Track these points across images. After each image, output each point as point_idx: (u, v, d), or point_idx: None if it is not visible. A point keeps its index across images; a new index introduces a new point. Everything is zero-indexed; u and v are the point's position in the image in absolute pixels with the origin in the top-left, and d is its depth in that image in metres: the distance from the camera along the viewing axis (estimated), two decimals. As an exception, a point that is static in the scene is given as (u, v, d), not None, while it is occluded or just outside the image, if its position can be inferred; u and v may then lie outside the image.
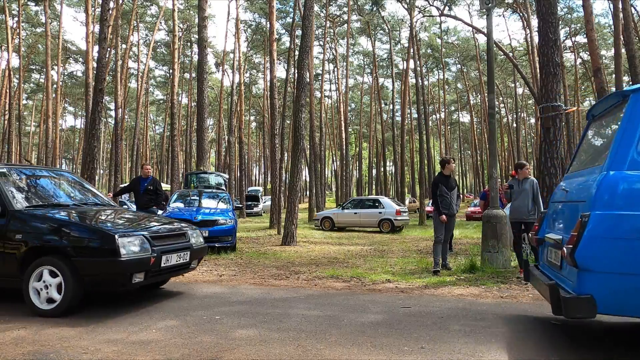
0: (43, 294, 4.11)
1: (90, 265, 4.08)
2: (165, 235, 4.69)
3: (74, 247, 4.09)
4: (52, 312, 4.05)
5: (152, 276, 4.47)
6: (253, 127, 61.32)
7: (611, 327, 3.88)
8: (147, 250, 4.25)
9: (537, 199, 6.04)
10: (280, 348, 3.26)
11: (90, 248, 4.10)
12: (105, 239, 4.07)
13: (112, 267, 4.04)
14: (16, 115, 30.72)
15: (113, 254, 4.00)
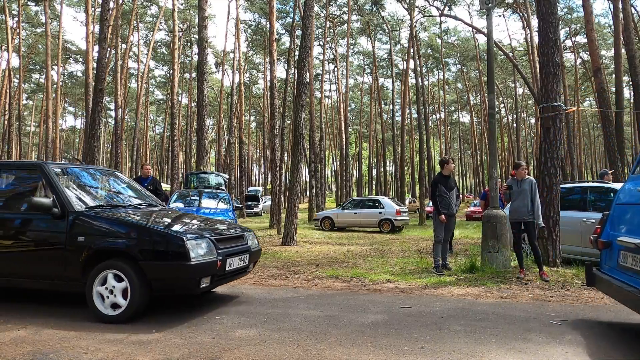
0: (107, 299, 3.94)
1: (159, 270, 3.90)
2: (228, 237, 4.50)
3: (141, 250, 3.91)
4: (118, 318, 3.87)
5: (218, 280, 4.31)
6: (253, 127, 61.32)
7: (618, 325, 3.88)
8: (213, 253, 4.09)
9: (535, 199, 6.03)
10: (280, 348, 3.26)
11: (159, 251, 3.91)
12: (175, 241, 3.90)
13: (182, 272, 3.86)
14: (16, 115, 30.73)
15: (183, 258, 3.84)
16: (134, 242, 3.95)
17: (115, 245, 3.98)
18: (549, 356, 3.11)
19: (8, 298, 4.91)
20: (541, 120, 6.99)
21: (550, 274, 6.06)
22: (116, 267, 3.94)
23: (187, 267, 3.83)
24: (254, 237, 5.05)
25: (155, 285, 3.92)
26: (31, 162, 4.88)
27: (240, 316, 4.17)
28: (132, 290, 3.87)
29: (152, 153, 56.94)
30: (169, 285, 3.99)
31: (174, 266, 3.88)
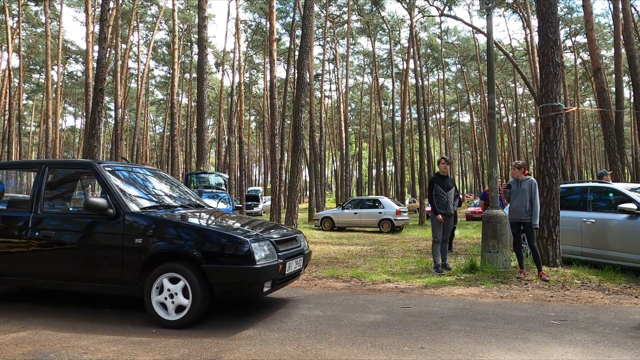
0: (168, 303, 3.78)
1: (223, 273, 3.73)
2: (284, 240, 4.32)
3: (204, 252, 3.73)
4: (178, 324, 3.72)
5: (278, 284, 4.16)
6: (253, 127, 61.33)
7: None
8: (274, 256, 3.93)
9: (534, 199, 6.01)
10: (280, 348, 3.26)
11: (223, 254, 3.75)
12: (240, 244, 3.74)
13: (247, 275, 3.71)
14: (16, 115, 30.72)
15: (248, 261, 3.68)
16: (196, 245, 3.77)
17: (177, 247, 3.81)
18: (549, 356, 3.11)
19: (8, 298, 4.92)
20: (541, 120, 6.98)
21: (550, 274, 6.06)
22: (177, 271, 3.78)
23: (253, 271, 3.68)
24: (304, 238, 4.90)
25: (217, 290, 3.77)
26: (82, 161, 4.73)
27: (239, 316, 4.17)
28: (193, 294, 3.71)
29: (152, 153, 56.93)
30: (233, 290, 3.82)
31: (239, 270, 3.71)
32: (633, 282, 5.71)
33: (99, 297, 4.90)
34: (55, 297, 4.94)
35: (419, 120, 26.70)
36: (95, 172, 4.32)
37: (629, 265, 6.16)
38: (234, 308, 4.47)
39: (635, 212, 6.05)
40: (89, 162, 4.49)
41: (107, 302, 4.69)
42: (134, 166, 5.07)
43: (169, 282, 3.79)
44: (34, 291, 5.27)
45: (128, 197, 4.18)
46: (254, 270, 3.68)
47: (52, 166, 4.67)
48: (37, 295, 5.08)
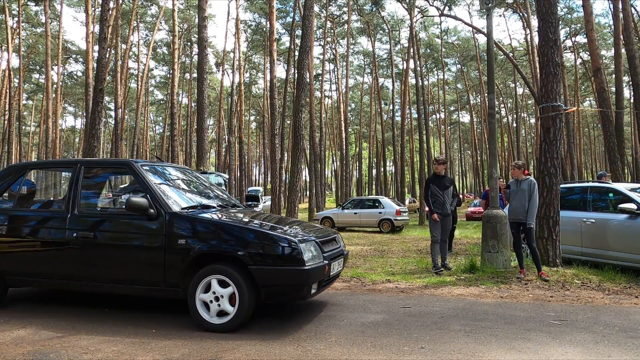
0: (213, 306, 3.67)
1: (271, 275, 3.61)
2: (327, 240, 4.21)
3: (251, 254, 3.62)
4: (224, 327, 3.63)
5: (323, 286, 4.09)
6: (253, 127, 61.34)
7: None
8: (320, 257, 3.83)
9: (533, 200, 6.01)
10: (280, 348, 3.26)
11: (271, 255, 3.62)
12: (289, 245, 3.63)
13: (296, 277, 3.59)
14: (16, 115, 30.72)
15: (298, 262, 3.58)
16: (243, 246, 3.66)
17: (223, 248, 3.70)
18: (549, 356, 3.11)
19: (8, 298, 4.91)
20: (541, 120, 6.98)
21: (550, 274, 6.06)
22: (222, 272, 3.66)
23: (302, 272, 3.57)
24: (341, 239, 4.79)
25: (265, 292, 3.65)
26: (119, 160, 4.65)
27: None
28: (240, 297, 3.60)
29: (152, 153, 56.92)
30: (281, 292, 3.71)
31: (288, 271, 3.59)
32: (633, 282, 5.71)
33: (99, 297, 4.91)
34: (55, 297, 4.94)
35: (419, 120, 26.71)
36: (134, 171, 4.21)
37: (629, 265, 6.16)
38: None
39: (635, 212, 6.05)
40: (127, 161, 4.38)
41: (107, 302, 4.69)
42: (167, 165, 4.92)
43: (214, 285, 3.67)
44: (33, 291, 5.27)
45: (168, 197, 4.06)
46: (304, 272, 3.58)
47: (88, 165, 4.54)
48: (36, 295, 5.09)
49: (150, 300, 4.76)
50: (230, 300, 3.65)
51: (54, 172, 5.34)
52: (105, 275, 3.99)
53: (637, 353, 3.18)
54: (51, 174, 5.38)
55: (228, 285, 3.65)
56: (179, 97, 42.17)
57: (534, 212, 6.02)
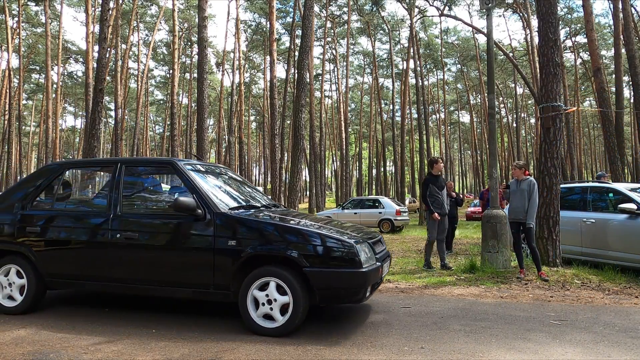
0: (265, 309, 3.55)
1: (327, 277, 3.47)
2: (375, 241, 4.09)
3: (306, 255, 3.49)
4: (277, 331, 3.51)
5: (375, 289, 3.98)
6: (253, 127, 61.35)
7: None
8: (373, 259, 3.73)
9: (532, 200, 6.01)
10: (280, 348, 3.26)
11: (327, 257, 3.49)
12: (345, 246, 3.50)
13: (354, 279, 3.46)
14: (16, 115, 30.71)
15: (355, 264, 3.46)
16: (297, 247, 3.52)
17: (276, 250, 3.55)
18: (549, 356, 3.11)
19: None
20: (541, 120, 6.98)
21: (550, 274, 6.06)
22: (275, 275, 3.53)
23: (360, 275, 3.45)
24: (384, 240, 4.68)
25: (320, 295, 3.51)
26: (161, 159, 4.49)
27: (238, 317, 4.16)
28: (294, 300, 3.47)
29: (152, 153, 56.93)
30: (336, 295, 3.54)
31: (345, 274, 3.46)
32: (633, 282, 5.71)
33: (98, 297, 4.91)
34: (55, 297, 4.94)
35: (419, 120, 26.72)
36: (178, 171, 4.08)
37: (629, 265, 6.16)
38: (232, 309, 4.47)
39: (635, 212, 6.06)
40: (170, 160, 4.26)
41: (107, 302, 4.69)
42: (206, 164, 4.74)
43: (266, 287, 3.56)
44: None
45: (215, 197, 3.93)
46: (362, 274, 3.45)
47: (129, 164, 4.38)
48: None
49: (150, 300, 4.76)
50: (282, 305, 3.52)
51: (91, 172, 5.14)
52: (150, 278, 3.86)
53: (637, 353, 3.18)
54: (88, 174, 5.16)
55: (281, 288, 3.53)
56: (179, 97, 42.17)
57: (534, 212, 6.02)
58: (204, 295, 3.74)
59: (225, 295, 3.68)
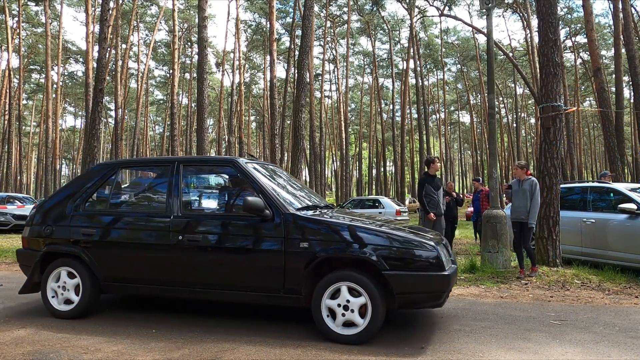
0: (339, 314, 3.36)
1: (409, 281, 3.30)
2: (445, 243, 3.96)
3: (386, 258, 3.31)
4: (354, 339, 3.31)
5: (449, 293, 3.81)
6: (253, 127, 61.36)
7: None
8: (449, 261, 3.58)
9: (535, 200, 6.01)
10: (280, 348, 3.26)
11: (409, 260, 3.32)
12: (428, 249, 3.34)
13: (437, 283, 3.30)
14: (16, 115, 30.73)
15: (439, 267, 3.30)
16: (375, 250, 3.35)
17: (354, 253, 3.37)
18: (549, 356, 3.11)
19: (7, 297, 4.92)
20: (541, 120, 6.98)
21: (550, 274, 6.06)
22: (352, 279, 3.34)
23: (443, 278, 3.29)
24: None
25: (400, 300, 3.34)
26: (222, 158, 4.29)
27: (238, 317, 4.16)
28: (373, 306, 3.29)
29: (152, 153, 56.94)
30: (418, 300, 3.39)
31: (428, 277, 3.30)
32: (633, 282, 5.71)
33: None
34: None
35: (419, 120, 26.76)
36: (241, 170, 3.92)
37: (629, 265, 6.16)
38: (233, 308, 4.47)
39: (635, 212, 6.06)
40: (231, 158, 4.08)
41: (107, 302, 4.69)
42: (262, 163, 4.51)
43: (343, 293, 3.37)
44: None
45: (282, 197, 3.76)
46: (445, 277, 3.29)
47: (188, 163, 4.22)
48: (36, 295, 5.08)
49: (150, 300, 4.76)
50: (360, 310, 3.35)
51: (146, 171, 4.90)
52: (215, 282, 3.69)
53: (637, 353, 3.18)
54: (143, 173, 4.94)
55: (358, 294, 3.35)
56: (179, 97, 42.18)
57: (536, 212, 6.03)
58: (273, 299, 3.57)
59: (296, 300, 3.50)
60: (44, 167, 33.99)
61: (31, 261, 4.18)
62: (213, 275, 3.70)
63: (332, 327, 3.37)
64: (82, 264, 4.03)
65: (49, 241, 4.15)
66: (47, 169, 32.39)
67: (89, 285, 4.00)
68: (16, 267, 7.42)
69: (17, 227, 14.16)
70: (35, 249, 4.21)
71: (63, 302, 4.08)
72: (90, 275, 4.01)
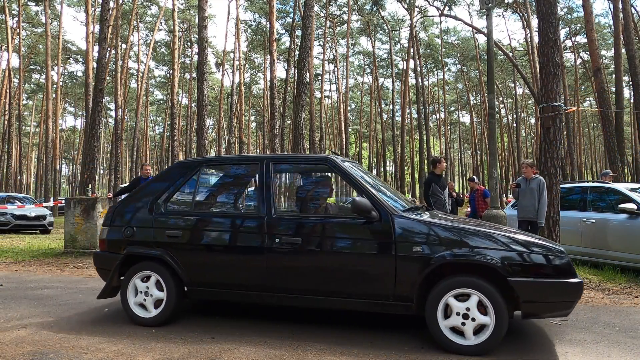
0: (458, 324, 3.15)
1: (539, 289, 3.09)
2: None
3: (511, 264, 3.11)
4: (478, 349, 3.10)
5: None
6: (253, 127, 61.33)
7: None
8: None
9: (543, 199, 6.04)
10: (280, 348, 3.26)
11: (537, 266, 3.11)
12: (556, 254, 3.15)
13: (570, 291, 3.10)
14: (16, 115, 30.71)
15: (570, 274, 3.12)
16: (499, 255, 3.14)
17: (475, 258, 3.15)
18: (549, 356, 3.11)
19: (7, 297, 4.92)
20: (541, 120, 6.98)
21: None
22: (469, 285, 3.14)
23: (576, 286, 3.10)
24: None
25: (527, 308, 3.14)
26: (317, 156, 4.11)
27: (240, 318, 4.16)
28: (497, 314, 3.07)
29: (152, 153, 56.93)
30: (547, 308, 3.16)
31: (561, 284, 3.09)
32: (633, 282, 5.71)
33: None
34: (54, 297, 4.93)
35: (419, 120, 26.76)
36: (338, 168, 3.70)
37: (629, 265, 6.16)
38: (231, 309, 4.46)
39: (635, 212, 6.06)
40: (327, 157, 3.85)
41: (107, 302, 4.69)
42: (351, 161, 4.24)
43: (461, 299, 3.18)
44: (33, 290, 5.27)
45: (384, 197, 3.55)
46: (577, 285, 3.11)
47: (277, 162, 3.97)
48: (36, 295, 5.08)
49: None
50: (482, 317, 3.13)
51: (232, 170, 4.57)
52: (316, 287, 3.47)
53: (637, 353, 3.18)
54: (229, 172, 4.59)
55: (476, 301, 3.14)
56: (179, 97, 42.18)
57: (544, 211, 6.04)
58: (381, 307, 3.36)
59: (407, 308, 3.29)
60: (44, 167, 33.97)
61: (110, 264, 3.95)
62: (313, 281, 3.48)
63: (450, 336, 3.17)
64: (166, 268, 3.81)
65: (129, 243, 3.93)
66: (47, 169, 32.38)
67: (174, 290, 3.77)
68: (16, 267, 7.43)
69: (17, 227, 14.17)
70: (115, 251, 3.98)
71: (145, 308, 3.85)
72: (175, 280, 3.79)
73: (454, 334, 3.17)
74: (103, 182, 54.04)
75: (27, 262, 7.90)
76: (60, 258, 8.30)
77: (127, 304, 3.86)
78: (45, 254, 8.79)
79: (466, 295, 3.17)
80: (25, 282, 6.00)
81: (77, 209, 8.76)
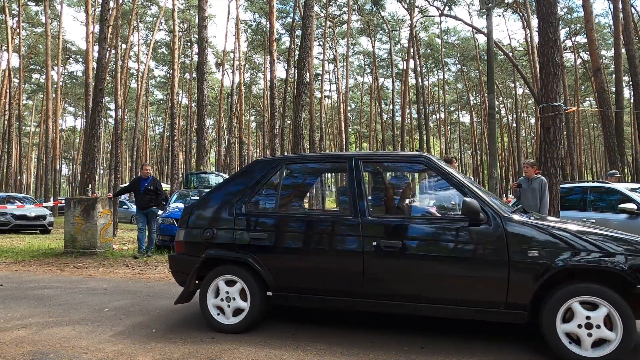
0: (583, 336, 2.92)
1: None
2: None
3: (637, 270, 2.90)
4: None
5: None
6: (253, 127, 61.35)
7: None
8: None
9: (544, 199, 6.04)
10: (280, 348, 3.26)
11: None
12: None
13: None
14: (16, 115, 30.71)
15: None
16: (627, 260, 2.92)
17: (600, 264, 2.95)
18: (549, 356, 3.11)
19: (7, 297, 4.92)
20: (541, 120, 6.98)
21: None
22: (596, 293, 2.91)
23: None
24: None
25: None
26: (411, 154, 3.87)
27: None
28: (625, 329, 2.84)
29: (152, 153, 56.93)
30: None
31: None
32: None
33: (97, 297, 4.89)
34: (54, 297, 4.93)
35: (419, 120, 26.77)
36: (436, 168, 3.52)
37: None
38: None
39: (635, 212, 6.06)
40: (422, 154, 3.68)
41: (107, 302, 4.69)
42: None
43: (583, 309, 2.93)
44: (33, 290, 5.27)
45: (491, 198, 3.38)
46: None
47: (368, 160, 3.81)
48: (35, 295, 5.08)
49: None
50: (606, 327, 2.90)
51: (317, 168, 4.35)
52: (420, 294, 3.28)
53: (637, 352, 3.18)
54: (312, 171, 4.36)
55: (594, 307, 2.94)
56: (179, 97, 42.18)
57: (546, 211, 6.05)
58: (490, 315, 3.14)
59: (520, 316, 3.07)
60: (44, 167, 33.96)
61: (188, 268, 3.75)
62: (414, 287, 3.29)
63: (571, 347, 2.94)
64: (250, 272, 3.62)
65: (209, 246, 3.72)
66: (47, 169, 32.36)
67: (259, 295, 3.58)
68: (16, 267, 7.43)
69: (17, 227, 14.19)
70: (193, 254, 3.77)
71: (228, 314, 3.65)
72: (260, 285, 3.60)
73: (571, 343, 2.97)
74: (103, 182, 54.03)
75: (27, 262, 7.90)
76: (60, 258, 8.30)
77: (207, 310, 3.68)
78: (45, 254, 8.80)
79: (590, 304, 2.94)
80: (25, 282, 6.00)
81: (77, 209, 8.76)
